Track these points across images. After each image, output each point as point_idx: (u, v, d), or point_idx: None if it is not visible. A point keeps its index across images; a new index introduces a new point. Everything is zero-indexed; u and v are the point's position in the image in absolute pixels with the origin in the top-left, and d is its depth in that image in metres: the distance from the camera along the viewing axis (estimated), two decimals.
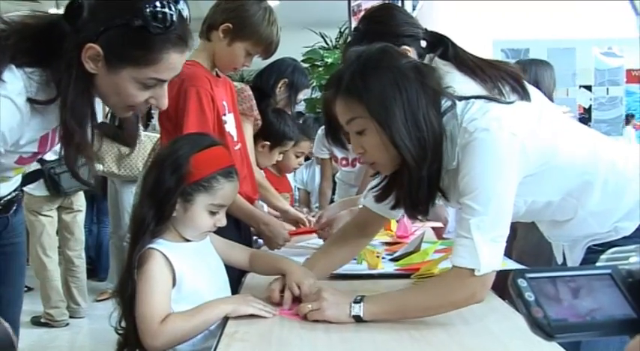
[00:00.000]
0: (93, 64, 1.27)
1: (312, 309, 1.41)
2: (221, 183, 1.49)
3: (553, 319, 0.38)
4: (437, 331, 1.34)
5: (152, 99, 1.36)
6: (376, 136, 1.37)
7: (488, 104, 1.36)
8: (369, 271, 1.87)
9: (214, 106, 2.05)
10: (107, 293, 4.94)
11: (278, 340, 1.32)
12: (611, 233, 1.44)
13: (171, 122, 2.07)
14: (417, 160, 1.34)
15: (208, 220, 1.50)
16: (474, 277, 1.30)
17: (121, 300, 1.49)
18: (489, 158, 1.31)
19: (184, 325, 1.41)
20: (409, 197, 1.44)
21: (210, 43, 2.13)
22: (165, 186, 1.45)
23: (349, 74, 1.39)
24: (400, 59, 1.40)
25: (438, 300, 1.36)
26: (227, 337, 1.32)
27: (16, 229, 1.68)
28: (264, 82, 2.96)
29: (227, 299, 1.47)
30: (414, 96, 1.34)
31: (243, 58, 2.13)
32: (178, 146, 1.51)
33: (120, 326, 1.53)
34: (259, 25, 2.09)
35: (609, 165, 1.43)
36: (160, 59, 1.29)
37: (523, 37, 4.60)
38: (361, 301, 1.39)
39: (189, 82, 2.00)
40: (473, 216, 1.30)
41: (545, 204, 1.45)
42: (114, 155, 4.60)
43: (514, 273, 0.40)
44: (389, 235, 2.46)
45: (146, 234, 1.45)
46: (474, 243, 1.29)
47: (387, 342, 1.29)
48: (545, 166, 1.39)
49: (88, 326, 4.36)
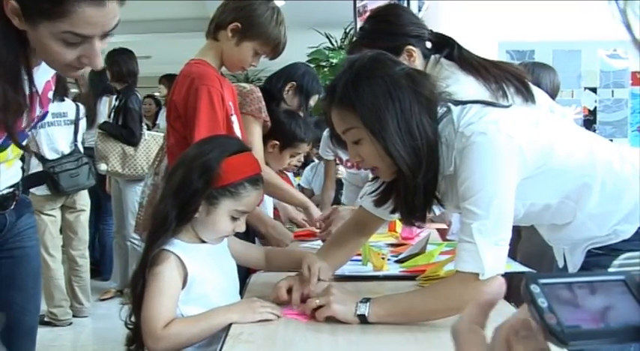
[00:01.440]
0: (18, 19, 1.23)
1: (320, 304, 1.41)
2: (248, 190, 1.48)
3: (566, 325, 0.38)
4: (442, 333, 1.33)
5: (84, 58, 1.29)
6: (371, 146, 1.38)
7: (484, 109, 1.37)
8: (374, 273, 1.86)
9: (224, 106, 2.06)
10: (110, 292, 4.96)
11: (283, 342, 1.32)
12: (610, 236, 1.44)
13: (180, 121, 2.07)
14: (411, 169, 1.35)
15: (229, 225, 1.49)
16: (479, 281, 1.30)
17: (132, 295, 1.48)
18: (488, 161, 1.31)
19: (188, 330, 1.40)
20: (405, 204, 1.45)
21: (217, 42, 2.14)
22: (193, 187, 1.44)
23: (342, 85, 1.39)
24: (393, 67, 1.39)
25: (443, 304, 1.35)
26: (232, 339, 1.31)
27: (24, 233, 1.65)
28: (272, 85, 2.96)
29: (234, 307, 1.46)
30: (407, 104, 1.34)
31: (251, 57, 2.14)
32: (209, 148, 1.49)
33: (130, 321, 1.52)
34: (267, 25, 2.10)
35: (607, 167, 1.43)
36: (71, 12, 1.21)
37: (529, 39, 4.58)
38: (368, 302, 1.38)
39: (199, 80, 2.01)
40: (475, 220, 1.30)
41: (543, 207, 1.45)
42: (118, 155, 4.60)
43: (527, 278, 0.40)
44: (394, 237, 2.46)
45: (166, 233, 1.44)
46: (477, 247, 1.29)
47: (392, 345, 1.29)
48: (542, 169, 1.38)
49: (91, 325, 4.37)
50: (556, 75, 2.89)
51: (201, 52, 2.19)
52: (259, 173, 1.54)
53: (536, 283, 0.39)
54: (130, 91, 4.68)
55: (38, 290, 1.75)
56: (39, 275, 1.74)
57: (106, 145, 4.62)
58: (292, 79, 2.98)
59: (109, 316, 4.43)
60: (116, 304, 4.74)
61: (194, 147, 1.57)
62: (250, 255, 1.70)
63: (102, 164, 4.59)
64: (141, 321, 1.41)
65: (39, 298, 1.75)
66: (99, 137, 4.67)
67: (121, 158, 4.60)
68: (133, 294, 1.47)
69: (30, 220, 1.69)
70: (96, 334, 4.19)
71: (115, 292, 4.96)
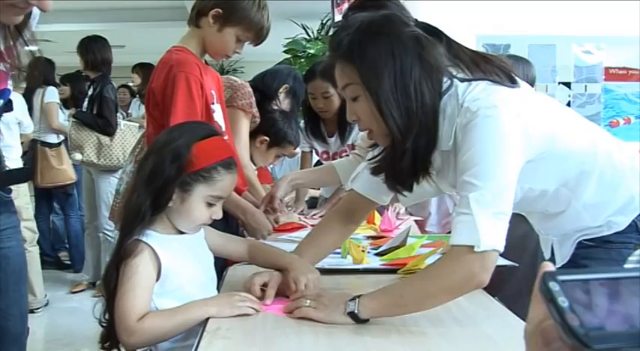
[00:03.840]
0: None
1: (309, 305, 1.36)
2: (221, 174, 1.44)
3: (590, 327, 0.34)
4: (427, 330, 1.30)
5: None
6: (367, 104, 1.34)
7: (492, 86, 1.32)
8: (354, 266, 1.83)
9: (203, 94, 2.02)
10: (83, 285, 4.87)
11: (263, 338, 1.28)
12: (602, 228, 1.42)
13: (158, 109, 2.03)
14: (401, 130, 1.30)
15: (205, 211, 1.45)
16: (473, 254, 1.20)
17: (105, 289, 1.43)
18: (492, 135, 1.25)
19: (164, 324, 1.35)
20: (391, 168, 1.40)
21: (199, 29, 2.10)
22: (165, 175, 1.39)
23: (348, 39, 1.35)
24: (402, 28, 1.34)
25: (436, 284, 1.28)
26: (209, 334, 1.27)
27: (3, 233, 1.57)
28: (266, 86, 2.94)
29: (211, 300, 1.41)
30: (408, 66, 1.30)
31: (234, 44, 2.11)
32: (178, 134, 1.46)
33: (104, 318, 1.47)
34: (249, 10, 2.07)
35: (607, 157, 1.42)
36: None
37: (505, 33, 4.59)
38: (357, 299, 1.33)
39: (177, 67, 1.97)
40: (472, 191, 1.22)
41: (540, 192, 1.42)
42: (93, 144, 4.52)
43: (545, 275, 0.37)
44: (373, 229, 2.44)
45: (141, 223, 1.39)
46: (473, 218, 1.20)
47: (375, 339, 1.25)
48: (545, 154, 1.35)
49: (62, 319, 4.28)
50: (531, 67, 2.86)
51: (183, 40, 2.14)
52: (232, 157, 1.50)
53: (554, 280, 0.36)
54: (105, 79, 4.60)
55: (22, 293, 1.66)
56: (22, 277, 1.66)
57: (80, 134, 4.52)
58: (285, 82, 2.98)
59: (81, 309, 4.36)
60: (88, 296, 4.67)
61: (163, 135, 1.52)
62: (231, 247, 1.65)
63: (76, 154, 4.51)
64: (115, 315, 1.37)
65: (24, 301, 1.67)
66: (73, 127, 4.58)
67: (97, 148, 4.51)
68: (107, 288, 1.42)
69: (10, 220, 1.60)
70: (68, 328, 4.10)
71: (87, 285, 4.87)
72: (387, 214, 2.46)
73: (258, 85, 2.94)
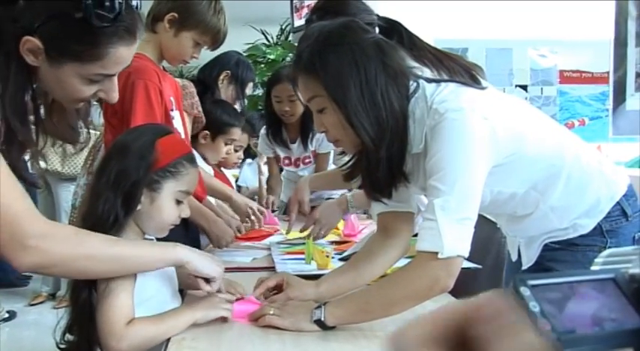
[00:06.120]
0: (33, 57, 1.15)
1: (274, 314, 1.35)
2: (187, 168, 1.43)
3: (561, 331, 0.35)
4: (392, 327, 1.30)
5: (101, 92, 1.27)
6: (335, 115, 1.33)
7: (460, 88, 1.32)
8: (318, 271, 1.83)
9: (162, 101, 1.99)
10: (42, 297, 4.75)
11: (228, 346, 1.27)
12: (568, 230, 1.44)
13: (116, 117, 1.99)
14: (374, 141, 1.30)
15: (175, 210, 1.43)
16: (437, 260, 1.21)
17: (73, 306, 1.36)
18: (459, 139, 1.25)
19: (152, 329, 1.31)
20: (369, 178, 1.40)
21: (156, 35, 2.08)
22: (132, 176, 1.36)
23: (308, 52, 1.34)
24: (362, 35, 1.34)
25: (401, 291, 1.28)
26: (175, 344, 1.26)
27: None
28: (206, 75, 2.91)
29: (196, 305, 1.40)
30: (372, 74, 1.29)
31: (192, 48, 2.09)
32: (138, 134, 1.45)
33: (63, 340, 1.39)
34: (205, 14, 2.06)
35: (575, 159, 1.43)
36: (105, 54, 1.18)
37: (463, 37, 4.66)
38: (322, 306, 1.33)
39: (136, 75, 1.94)
40: (437, 196, 1.23)
41: (510, 195, 1.42)
42: (58, 153, 4.42)
43: (515, 280, 0.37)
44: (336, 234, 2.44)
45: (114, 229, 1.34)
46: (437, 224, 1.21)
47: (342, 345, 1.25)
48: (514, 156, 1.35)
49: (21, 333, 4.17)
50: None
51: (140, 46, 2.10)
52: (191, 152, 1.51)
53: (525, 285, 0.36)
54: None
55: None
56: None
57: None
58: (226, 68, 2.94)
59: (42, 322, 4.25)
60: (48, 309, 4.56)
61: (121, 138, 1.48)
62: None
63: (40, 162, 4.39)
64: (99, 321, 1.29)
65: None
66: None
67: (62, 157, 4.41)
68: (75, 303, 1.35)
69: None
70: (27, 342, 3.99)
71: (46, 297, 4.75)
72: (350, 218, 2.46)
73: (200, 76, 2.91)
